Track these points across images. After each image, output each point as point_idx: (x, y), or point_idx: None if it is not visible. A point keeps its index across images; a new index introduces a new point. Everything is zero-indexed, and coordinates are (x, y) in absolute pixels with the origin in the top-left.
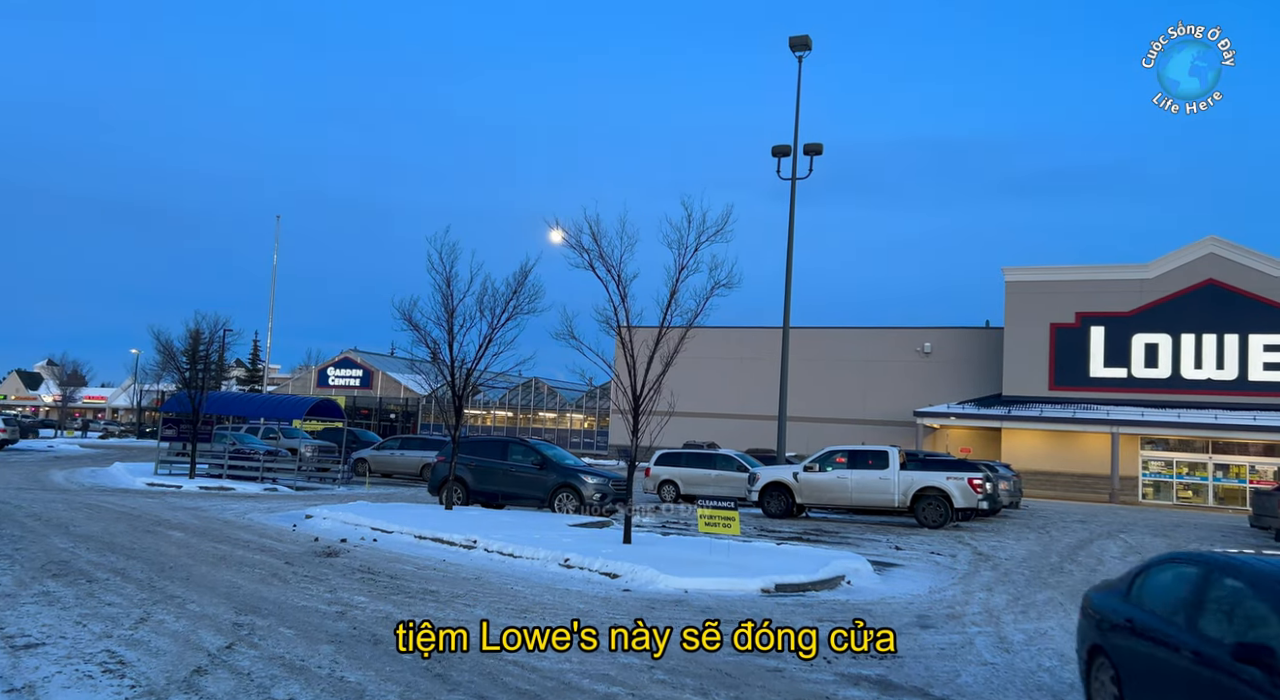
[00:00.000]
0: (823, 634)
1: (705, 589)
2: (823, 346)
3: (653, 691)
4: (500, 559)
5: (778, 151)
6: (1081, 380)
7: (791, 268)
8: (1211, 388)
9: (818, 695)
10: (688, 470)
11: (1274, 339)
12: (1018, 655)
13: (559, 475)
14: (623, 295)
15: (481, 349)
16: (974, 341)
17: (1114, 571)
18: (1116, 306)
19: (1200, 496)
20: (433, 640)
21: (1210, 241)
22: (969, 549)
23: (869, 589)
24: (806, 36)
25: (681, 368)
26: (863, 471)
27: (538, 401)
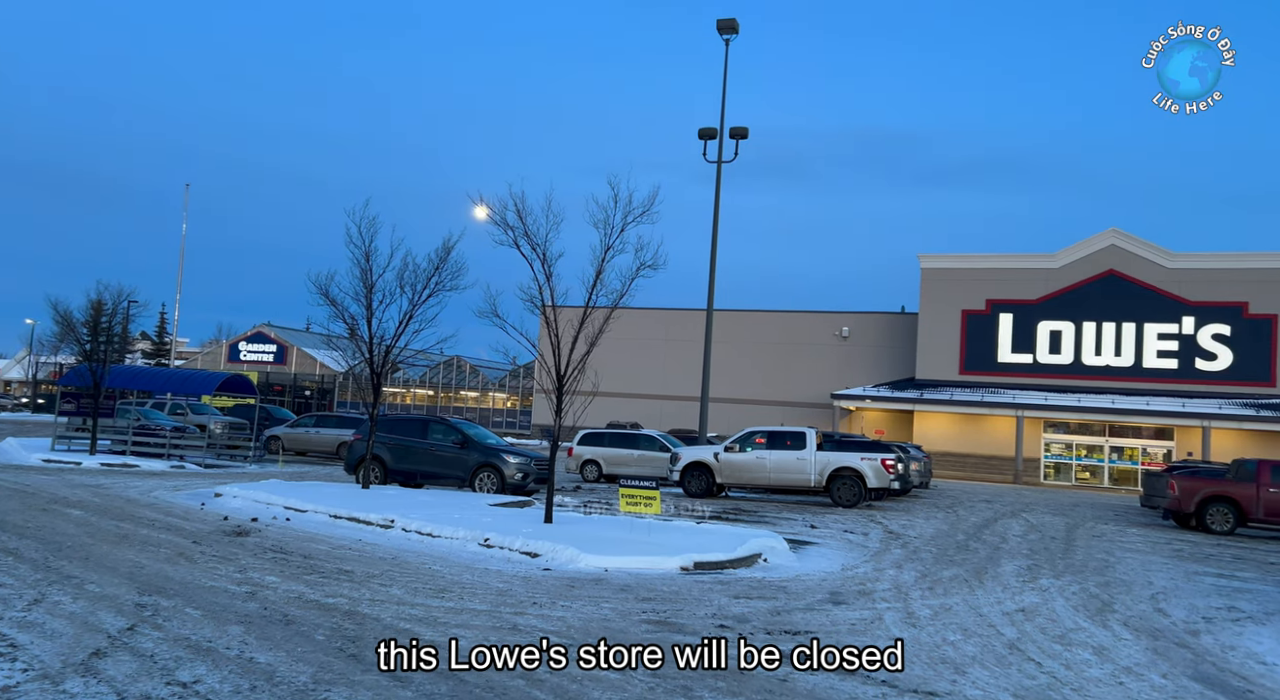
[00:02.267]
0: (737, 610)
1: (625, 567)
2: (745, 329)
3: (571, 669)
4: (419, 539)
5: (704, 134)
6: (990, 365)
7: (716, 250)
8: (1110, 374)
9: (734, 671)
10: (611, 450)
11: (1167, 328)
12: (924, 630)
13: (480, 454)
14: (548, 274)
15: (402, 326)
16: (890, 326)
17: (1017, 549)
18: (1024, 294)
19: (1097, 478)
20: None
21: (1111, 233)
22: (881, 528)
23: (785, 566)
24: (734, 20)
25: (606, 348)
26: (781, 452)
27: (460, 380)
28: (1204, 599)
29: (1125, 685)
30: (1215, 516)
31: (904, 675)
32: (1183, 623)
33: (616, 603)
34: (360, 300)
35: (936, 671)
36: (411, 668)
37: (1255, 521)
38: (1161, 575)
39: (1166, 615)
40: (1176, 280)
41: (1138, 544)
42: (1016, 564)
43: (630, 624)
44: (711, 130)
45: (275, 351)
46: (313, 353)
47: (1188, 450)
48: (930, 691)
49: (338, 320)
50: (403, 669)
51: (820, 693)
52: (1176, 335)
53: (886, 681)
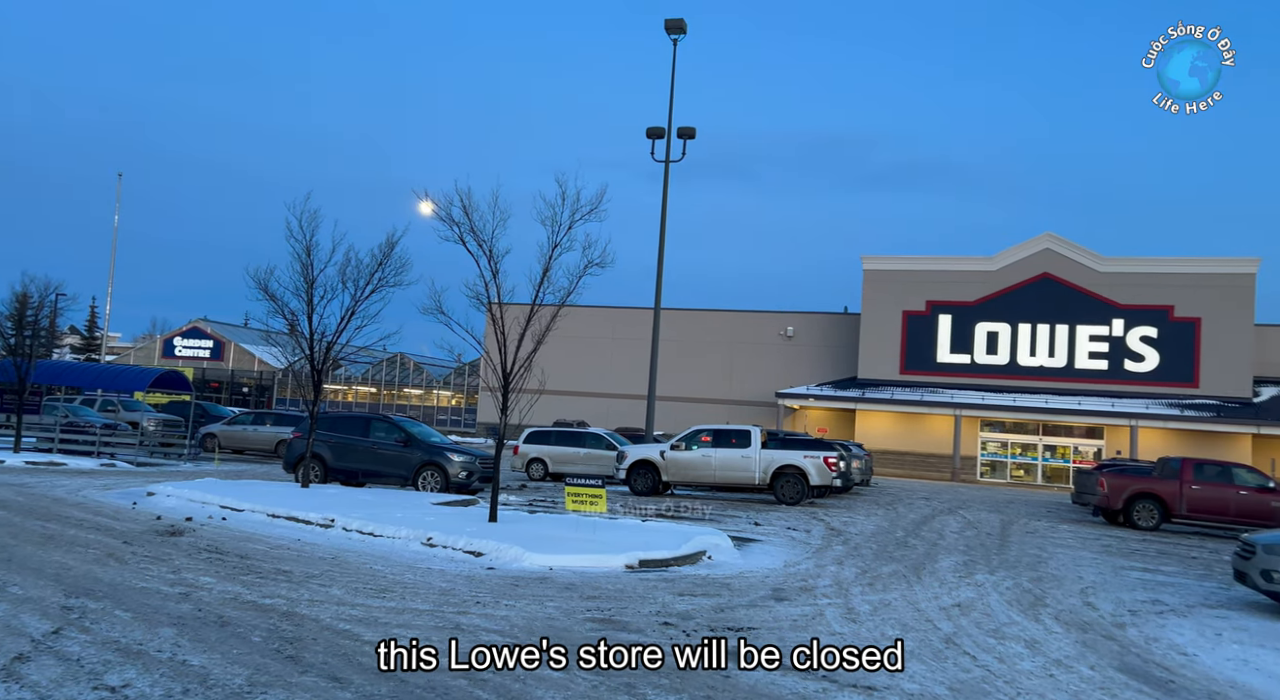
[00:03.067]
0: (681, 607)
1: (570, 566)
2: (692, 328)
3: (515, 669)
4: (360, 538)
5: (652, 133)
6: (930, 365)
7: (664, 249)
8: (1044, 374)
9: (676, 668)
10: (557, 448)
11: (1098, 330)
12: (863, 625)
13: (424, 453)
14: (494, 271)
15: (343, 322)
16: (833, 326)
17: (953, 545)
18: (963, 296)
19: (1031, 475)
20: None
21: (1046, 238)
22: (823, 524)
23: (729, 564)
24: (681, 20)
25: (554, 346)
26: (726, 450)
27: (403, 378)
28: (1130, 593)
29: (1055, 677)
30: (1141, 513)
31: (843, 670)
32: (1110, 616)
33: (561, 601)
34: (301, 295)
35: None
36: (351, 668)
37: (1179, 517)
38: (1091, 570)
39: (1095, 609)
40: (1107, 284)
41: (1069, 540)
42: (953, 560)
43: (574, 622)
44: (659, 130)
45: (212, 347)
46: (251, 349)
47: (1117, 449)
48: (869, 686)
49: (277, 316)
50: (342, 670)
51: (762, 688)
52: (1107, 337)
53: (827, 676)
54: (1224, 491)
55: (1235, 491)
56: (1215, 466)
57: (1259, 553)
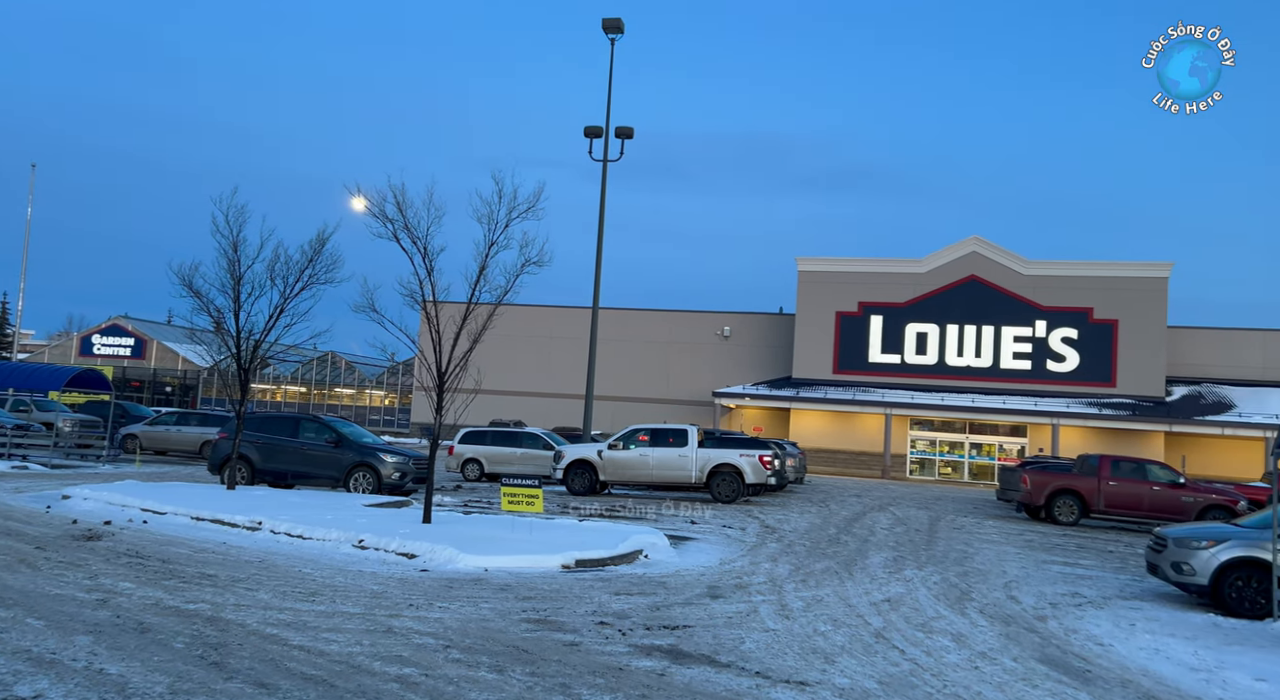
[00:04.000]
0: (618, 607)
1: (505, 567)
2: (630, 327)
3: (447, 671)
4: (288, 541)
5: (590, 132)
6: (862, 365)
7: (602, 248)
8: (970, 374)
9: (611, 667)
10: (493, 448)
11: (1022, 331)
12: (796, 621)
13: (355, 453)
14: (429, 268)
15: (272, 319)
16: (769, 326)
17: (884, 542)
18: (894, 297)
19: (958, 473)
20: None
21: (973, 241)
22: (758, 522)
23: (665, 562)
24: (619, 19)
25: (490, 345)
26: (664, 449)
27: (335, 377)
28: (1051, 586)
29: (980, 669)
30: (1062, 509)
31: (777, 665)
32: (1032, 609)
33: (496, 602)
34: (227, 292)
35: (808, 661)
36: (280, 673)
37: (1097, 513)
38: (1014, 564)
39: (1018, 602)
40: (1031, 286)
41: (994, 535)
42: (883, 556)
43: (510, 623)
44: (597, 129)
45: (133, 345)
46: (175, 347)
47: (1039, 446)
48: (801, 681)
49: (202, 313)
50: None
51: (697, 686)
52: (1030, 338)
53: (760, 673)
54: (1139, 487)
55: (1149, 487)
56: (1131, 463)
57: (1170, 546)
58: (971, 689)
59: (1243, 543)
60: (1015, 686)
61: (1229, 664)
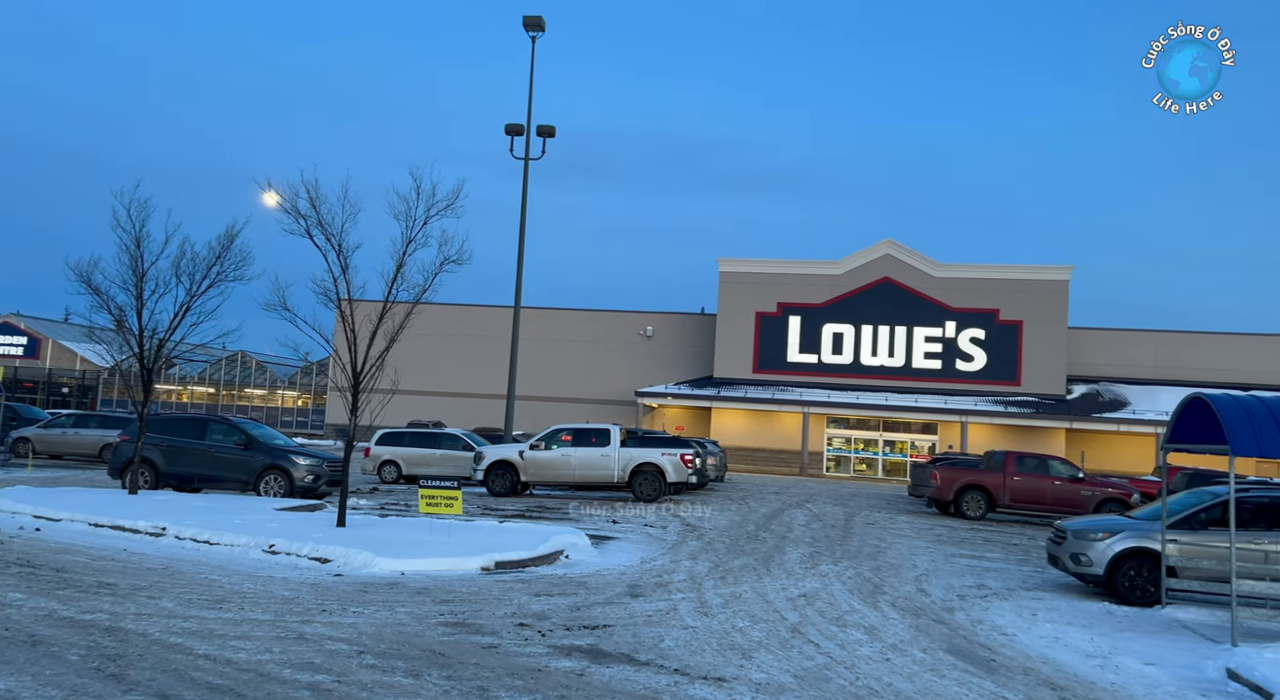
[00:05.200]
0: (538, 608)
1: (423, 570)
2: (553, 327)
3: (361, 676)
4: (194, 547)
5: (511, 130)
6: (781, 364)
7: (524, 247)
8: (884, 373)
9: (530, 668)
10: (411, 450)
11: (933, 331)
12: (715, 618)
13: (266, 456)
14: (344, 266)
15: (177, 318)
16: (691, 326)
17: (801, 538)
18: (811, 298)
19: (873, 470)
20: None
21: (887, 243)
22: (679, 520)
23: (586, 562)
24: (540, 17)
25: (409, 344)
26: (586, 449)
27: (245, 377)
28: (959, 579)
29: (891, 661)
30: (970, 503)
31: (695, 662)
32: (941, 601)
33: (413, 606)
34: (129, 289)
35: (726, 658)
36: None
37: (1003, 507)
38: (924, 558)
39: (928, 595)
40: (941, 288)
41: (905, 530)
42: (801, 552)
43: (426, 627)
44: (518, 126)
45: (26, 344)
46: (72, 346)
47: (949, 443)
48: (719, 677)
49: (102, 311)
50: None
51: (616, 685)
52: (941, 338)
53: (679, 670)
54: (1041, 482)
55: (1051, 482)
56: (1034, 459)
57: (1069, 538)
58: (883, 680)
59: (1135, 534)
60: (924, 677)
61: (1121, 650)
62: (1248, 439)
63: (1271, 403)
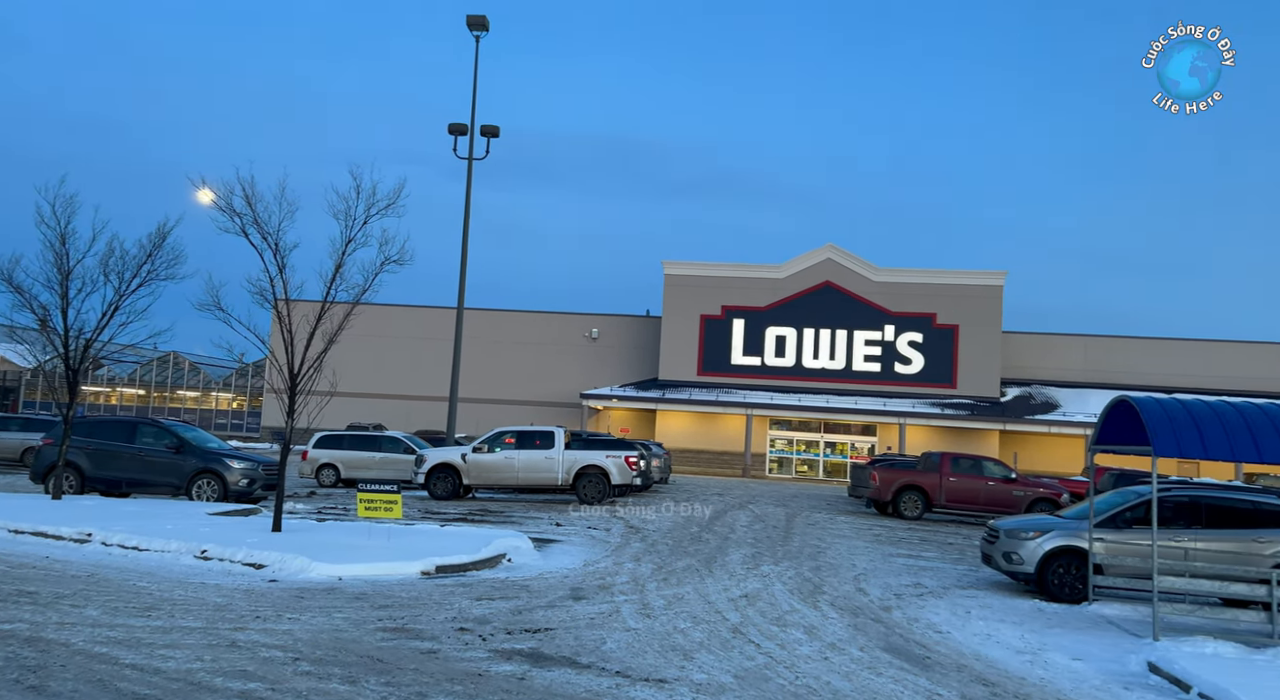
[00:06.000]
0: (479, 612)
1: (361, 575)
2: (497, 328)
3: (296, 684)
4: (122, 553)
5: (454, 129)
6: (725, 367)
7: (467, 247)
8: (826, 376)
9: (471, 674)
10: (350, 453)
11: (872, 335)
12: (657, 620)
13: (199, 460)
14: (280, 266)
15: (105, 318)
16: (636, 329)
17: (743, 539)
18: (755, 301)
19: (814, 471)
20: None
21: (828, 248)
22: (623, 523)
23: (529, 565)
24: (484, 17)
25: (349, 345)
26: (530, 452)
27: (177, 379)
28: (896, 578)
29: (830, 660)
30: (907, 504)
31: (637, 664)
32: (878, 600)
33: (350, 612)
34: (54, 288)
35: (667, 659)
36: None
37: (939, 507)
38: (863, 558)
39: (866, 594)
40: (881, 292)
41: (845, 530)
42: (742, 553)
43: (364, 633)
44: (462, 126)
45: None
46: None
47: (888, 445)
48: (660, 679)
49: (24, 309)
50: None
51: (557, 688)
52: (880, 342)
53: (621, 672)
54: (976, 483)
55: (985, 482)
56: (969, 460)
57: (1002, 537)
58: (821, 679)
59: (1064, 533)
60: (861, 675)
61: (1050, 645)
62: (1169, 440)
63: (1192, 406)
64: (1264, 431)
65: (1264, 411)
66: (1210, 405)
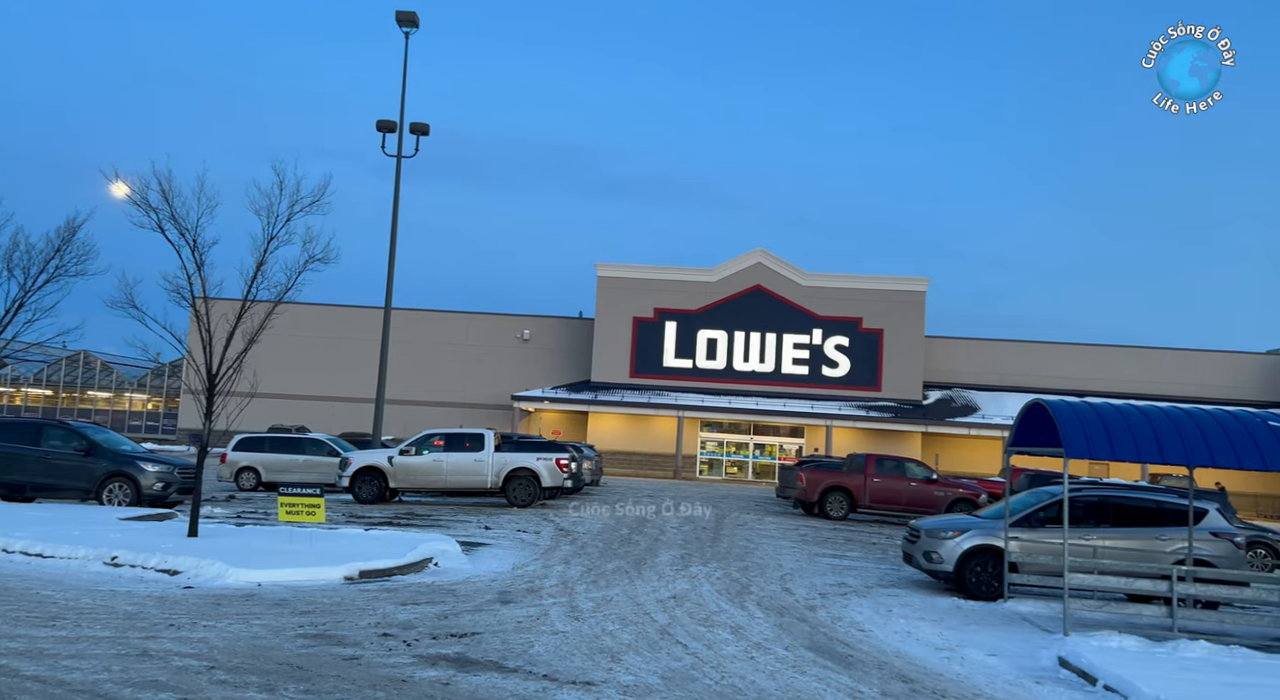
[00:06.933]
0: (403, 617)
1: (281, 581)
2: (426, 329)
3: (210, 693)
4: (24, 560)
5: (383, 126)
6: (657, 369)
7: (395, 246)
8: (756, 378)
9: (394, 680)
10: (272, 456)
11: (801, 338)
12: (586, 622)
13: (110, 463)
14: (199, 263)
15: (9, 315)
16: (569, 330)
17: (673, 540)
18: (687, 304)
19: (743, 472)
20: None
21: (758, 253)
22: (553, 525)
23: (456, 569)
24: (413, 13)
25: (272, 345)
26: (459, 454)
27: (88, 379)
28: (821, 577)
29: (755, 659)
30: (833, 504)
31: (564, 667)
32: (804, 600)
33: (270, 618)
34: None
35: (595, 661)
36: None
37: (864, 507)
38: (790, 558)
39: (792, 593)
40: (809, 296)
41: (772, 531)
42: (672, 554)
43: (284, 640)
44: (391, 123)
45: None
46: None
47: (815, 446)
48: (588, 681)
49: None
50: None
51: (483, 693)
52: (808, 345)
53: (548, 676)
54: (899, 483)
55: (907, 483)
56: (892, 461)
57: (922, 536)
58: (747, 678)
59: (981, 532)
60: (786, 674)
61: (967, 642)
62: (1079, 442)
63: (1102, 409)
64: (1167, 434)
65: (1167, 415)
66: (1118, 409)
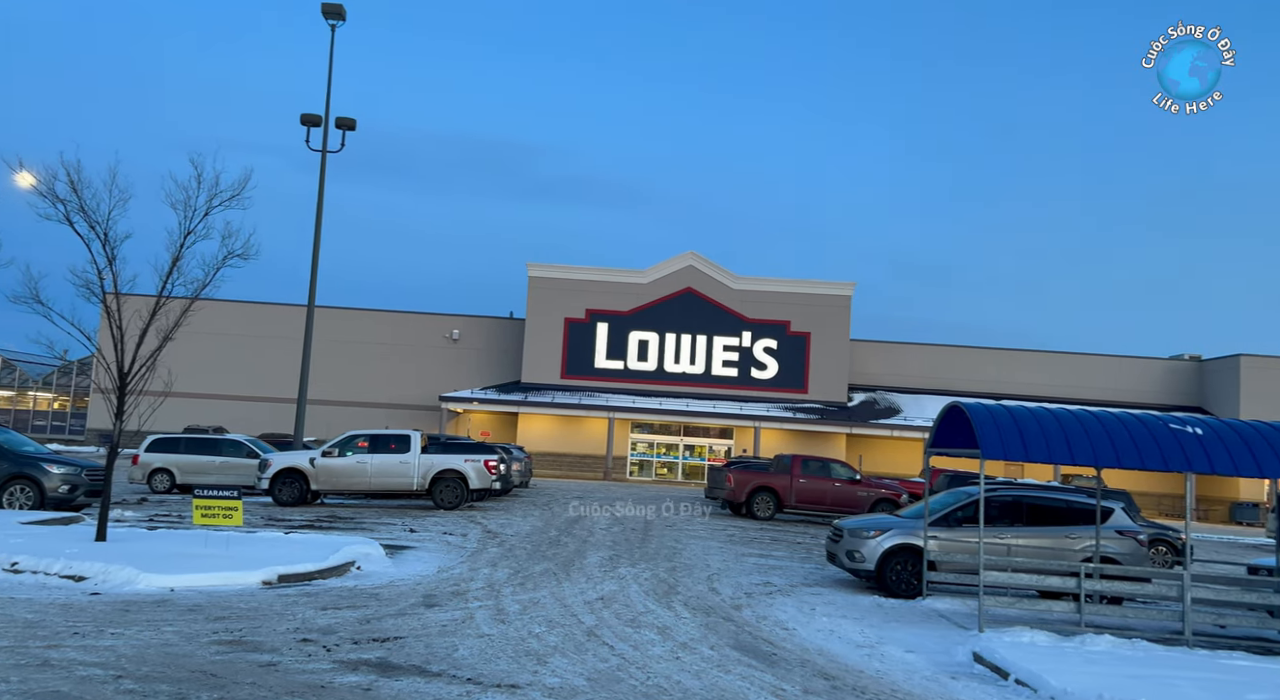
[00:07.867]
0: (324, 622)
1: (196, 586)
2: (351, 328)
3: None
4: None
5: (307, 120)
6: (588, 370)
7: (319, 242)
8: (686, 380)
9: (313, 686)
10: (187, 457)
11: (730, 341)
12: (512, 625)
13: (11, 464)
14: (110, 257)
15: None
16: (499, 331)
17: (602, 541)
18: (619, 306)
19: (673, 473)
20: None
21: (690, 256)
22: (480, 528)
23: (379, 573)
24: (340, 5)
25: (189, 343)
26: (384, 456)
27: None
28: (747, 577)
29: (681, 659)
30: (760, 505)
31: (489, 670)
32: (730, 599)
33: (182, 625)
34: None
35: (520, 664)
36: None
37: (790, 508)
38: (717, 558)
39: (718, 593)
40: (739, 299)
41: (701, 531)
42: (601, 555)
43: (197, 647)
44: (316, 117)
45: None
46: None
47: (744, 447)
48: (513, 685)
49: None
50: None
51: (405, 698)
52: (738, 347)
53: (472, 679)
54: (823, 484)
55: (832, 484)
56: (817, 462)
57: (845, 536)
58: (672, 678)
59: (901, 532)
60: (711, 673)
61: (887, 639)
62: (995, 444)
63: (1016, 412)
64: (1076, 436)
65: (1077, 418)
66: (1032, 412)
